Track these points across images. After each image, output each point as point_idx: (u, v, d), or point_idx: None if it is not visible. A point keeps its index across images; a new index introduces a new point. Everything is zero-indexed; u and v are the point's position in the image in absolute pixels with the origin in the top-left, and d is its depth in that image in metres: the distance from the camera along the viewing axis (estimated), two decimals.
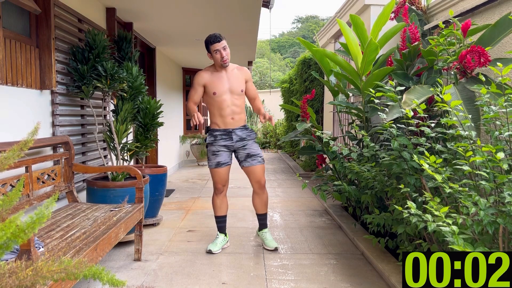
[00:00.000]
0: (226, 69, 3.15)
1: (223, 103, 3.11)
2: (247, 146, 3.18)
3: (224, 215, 3.31)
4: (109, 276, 0.96)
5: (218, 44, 3.03)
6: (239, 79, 3.17)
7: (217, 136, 3.15)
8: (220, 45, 3.02)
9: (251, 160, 3.16)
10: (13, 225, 0.90)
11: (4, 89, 2.47)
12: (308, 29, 36.59)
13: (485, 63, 2.60)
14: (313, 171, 7.16)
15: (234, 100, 3.13)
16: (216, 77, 3.13)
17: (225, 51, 3.04)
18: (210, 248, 3.14)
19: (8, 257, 1.75)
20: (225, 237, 3.31)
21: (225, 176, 3.20)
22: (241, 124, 3.19)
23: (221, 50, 3.03)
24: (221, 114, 3.13)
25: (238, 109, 3.15)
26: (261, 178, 3.22)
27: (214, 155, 3.17)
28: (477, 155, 2.03)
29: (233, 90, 3.12)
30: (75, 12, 3.31)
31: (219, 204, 3.26)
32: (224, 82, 3.12)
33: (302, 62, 8.12)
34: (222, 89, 3.10)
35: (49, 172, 2.80)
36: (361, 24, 3.37)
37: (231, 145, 3.16)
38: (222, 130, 3.15)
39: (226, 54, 3.04)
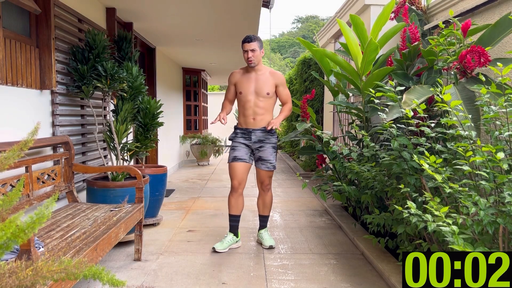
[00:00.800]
0: (256, 71, 3.22)
1: (247, 104, 3.21)
2: (262, 149, 3.23)
3: (238, 214, 3.31)
4: (109, 276, 0.96)
5: (246, 44, 3.13)
6: (268, 83, 3.21)
7: (238, 133, 3.28)
8: (248, 46, 3.12)
9: (260, 164, 3.26)
10: (13, 225, 0.90)
11: (4, 89, 2.47)
12: (308, 29, 36.59)
13: (485, 63, 2.60)
14: (313, 171, 7.16)
15: (258, 101, 3.19)
16: (245, 77, 3.24)
17: (253, 53, 3.12)
18: (215, 246, 3.16)
19: (8, 257, 1.75)
20: (234, 237, 3.29)
21: (241, 173, 3.22)
22: (262, 125, 3.23)
23: (249, 51, 3.13)
24: (244, 113, 3.25)
25: (261, 111, 3.20)
26: (264, 179, 3.28)
27: (232, 150, 3.27)
28: (477, 155, 2.03)
29: (258, 91, 3.19)
30: (75, 12, 3.31)
31: (234, 203, 3.29)
32: (251, 83, 3.20)
33: (302, 62, 8.12)
34: (248, 90, 3.20)
35: (49, 172, 2.80)
36: (361, 24, 3.37)
37: (250, 144, 3.24)
38: (243, 129, 3.26)
39: (252, 55, 3.12)
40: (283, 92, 3.28)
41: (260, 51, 3.18)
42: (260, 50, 3.17)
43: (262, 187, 3.33)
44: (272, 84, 3.21)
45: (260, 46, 3.19)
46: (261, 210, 3.40)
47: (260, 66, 3.23)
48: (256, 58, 3.13)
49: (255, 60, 3.14)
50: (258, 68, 3.22)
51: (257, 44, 3.13)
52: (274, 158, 3.27)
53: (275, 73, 3.27)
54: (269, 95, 3.20)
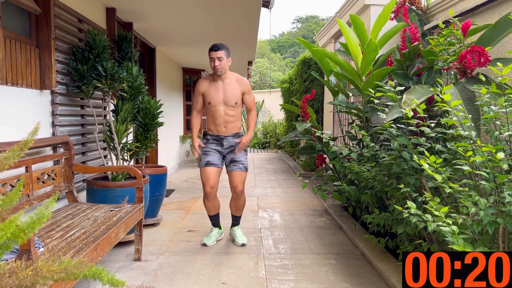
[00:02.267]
0: (223, 79, 3.23)
1: (217, 113, 3.23)
2: (233, 151, 3.28)
3: (217, 213, 3.43)
4: (109, 276, 0.96)
5: (213, 52, 3.14)
6: (235, 91, 3.22)
7: (209, 140, 3.32)
8: (215, 54, 3.13)
9: (232, 166, 3.27)
10: (13, 225, 0.90)
11: (4, 89, 2.47)
12: (308, 29, 36.58)
13: (485, 63, 2.60)
14: (313, 171, 7.16)
15: (227, 110, 3.23)
16: (213, 86, 3.24)
17: (220, 61, 3.13)
18: (205, 242, 3.32)
19: (8, 257, 1.75)
20: (219, 230, 3.48)
21: (213, 177, 3.24)
22: (234, 132, 3.28)
23: (215, 59, 3.13)
24: (214, 122, 3.27)
25: (231, 119, 3.24)
26: (238, 185, 3.25)
27: (204, 155, 3.29)
28: (477, 155, 2.03)
29: (227, 101, 3.21)
30: (75, 12, 3.31)
31: (210, 205, 3.35)
32: (219, 93, 3.21)
33: (302, 62, 8.12)
34: (216, 100, 3.21)
35: (49, 172, 2.80)
36: (361, 24, 3.37)
37: (222, 150, 3.30)
38: (215, 136, 3.30)
39: (219, 63, 3.13)
40: (248, 99, 3.31)
41: (227, 59, 3.20)
42: (227, 59, 3.19)
43: (236, 192, 3.28)
44: (239, 93, 3.24)
45: (227, 55, 3.20)
46: (234, 211, 3.44)
47: (227, 74, 3.24)
48: (223, 66, 3.15)
49: (222, 68, 3.15)
50: (225, 76, 3.23)
51: (224, 53, 3.15)
52: (246, 160, 3.30)
53: (241, 80, 3.28)
54: (237, 104, 3.23)
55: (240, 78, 3.29)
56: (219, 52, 3.12)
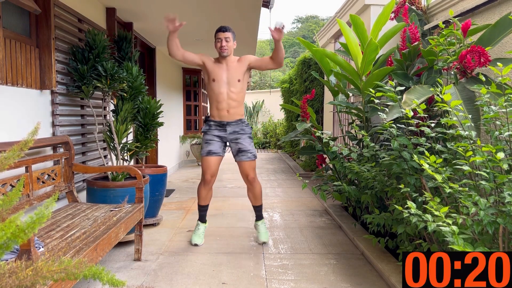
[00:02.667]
0: (227, 61, 3.23)
1: (220, 96, 3.21)
2: (239, 140, 3.25)
3: (207, 204, 3.42)
4: (109, 276, 0.96)
5: (221, 33, 3.16)
6: (238, 69, 3.23)
7: (211, 126, 3.29)
8: (223, 35, 3.15)
9: (241, 155, 3.26)
10: (13, 225, 0.90)
11: (4, 89, 2.47)
12: (308, 29, 36.56)
13: (485, 63, 2.60)
14: (313, 171, 7.16)
15: (231, 93, 3.21)
16: (217, 65, 3.24)
17: (227, 42, 3.15)
18: (196, 242, 3.29)
19: (8, 257, 1.75)
20: (205, 225, 3.46)
21: (214, 166, 3.25)
22: (236, 118, 3.27)
23: (223, 39, 3.15)
24: (217, 107, 3.24)
25: (234, 103, 3.23)
26: (249, 173, 3.27)
27: (206, 143, 3.28)
28: (477, 155, 2.03)
29: (230, 81, 3.20)
30: (75, 12, 3.31)
31: (205, 195, 3.34)
32: (223, 72, 3.21)
33: (302, 62, 8.12)
34: (220, 78, 3.20)
35: (49, 172, 2.80)
36: (361, 24, 3.37)
37: (224, 136, 3.27)
38: (217, 122, 3.27)
39: (226, 44, 3.14)
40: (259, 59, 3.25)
41: (233, 42, 3.22)
42: (233, 41, 3.21)
43: (249, 179, 3.30)
44: (242, 70, 3.23)
45: (234, 37, 3.23)
46: (253, 201, 3.42)
47: (231, 57, 3.25)
48: (229, 47, 3.16)
49: (229, 49, 3.17)
50: (229, 59, 3.24)
51: (231, 35, 3.18)
52: (253, 148, 3.30)
53: (242, 58, 3.28)
54: (240, 82, 3.22)
55: (242, 57, 3.28)
56: (227, 33, 3.15)
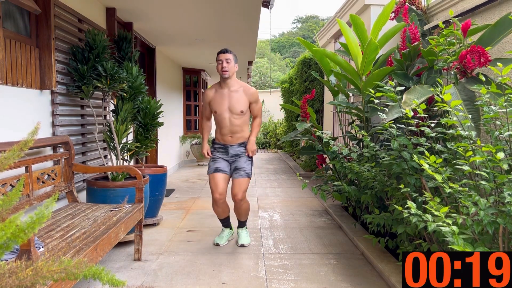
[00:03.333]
0: (229, 87, 3.20)
1: (222, 122, 3.22)
2: (237, 159, 3.27)
3: (226, 217, 3.43)
4: (109, 276, 0.96)
5: (222, 54, 3.15)
6: (241, 100, 3.19)
7: (216, 148, 3.34)
8: (224, 56, 3.14)
9: (234, 173, 3.25)
10: (13, 225, 0.90)
11: (4, 89, 2.47)
12: (308, 29, 36.57)
13: (485, 63, 2.60)
14: (313, 171, 7.16)
15: (233, 119, 3.20)
16: (219, 95, 3.22)
17: (228, 64, 3.13)
18: (217, 242, 3.36)
19: (8, 257, 1.75)
20: (230, 230, 3.52)
21: (222, 184, 3.20)
22: (239, 142, 3.27)
23: (223, 60, 3.13)
24: (221, 131, 3.28)
25: (237, 128, 3.22)
26: (238, 193, 3.17)
27: (213, 161, 3.31)
28: (477, 155, 2.03)
29: (232, 109, 3.19)
30: (75, 12, 3.31)
31: (220, 211, 3.32)
32: (224, 101, 3.20)
33: (302, 62, 8.12)
34: (222, 108, 3.21)
35: (49, 172, 2.80)
36: (361, 24, 3.37)
37: (227, 159, 3.30)
38: (221, 144, 3.31)
39: (226, 65, 3.12)
40: (255, 107, 3.28)
41: (235, 65, 3.18)
42: (234, 64, 3.17)
43: (235, 199, 3.20)
44: (245, 102, 3.20)
45: (235, 60, 3.19)
46: (238, 217, 3.41)
47: (233, 81, 3.21)
48: (230, 69, 3.13)
49: (230, 71, 3.13)
50: (231, 84, 3.20)
51: (232, 57, 3.16)
52: (248, 167, 3.25)
53: (248, 90, 3.23)
54: (243, 112, 3.20)
55: (249, 88, 3.24)
56: (228, 55, 3.14)
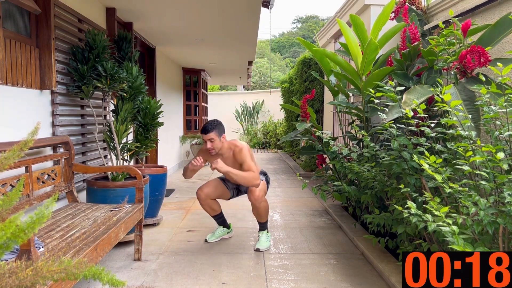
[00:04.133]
0: (222, 154, 3.25)
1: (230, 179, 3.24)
2: None
3: (216, 214, 3.49)
4: (109, 276, 0.96)
5: (204, 135, 3.14)
6: (233, 164, 3.22)
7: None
8: (206, 137, 3.13)
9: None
10: (13, 225, 0.90)
11: (4, 89, 2.47)
12: (308, 29, 36.57)
13: (485, 63, 2.60)
14: (313, 171, 7.16)
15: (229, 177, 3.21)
16: (213, 158, 3.24)
17: (212, 143, 3.13)
18: (206, 237, 3.44)
19: (8, 257, 1.75)
20: (225, 229, 3.55)
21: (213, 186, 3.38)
22: None
23: (207, 142, 3.14)
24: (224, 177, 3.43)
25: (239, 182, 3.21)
26: (254, 192, 3.17)
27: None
28: (477, 155, 2.03)
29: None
30: (75, 12, 3.31)
31: (207, 208, 3.43)
32: None
33: (302, 62, 8.12)
34: None
35: (49, 172, 2.80)
36: (361, 24, 3.37)
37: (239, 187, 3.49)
38: None
39: (211, 145, 3.13)
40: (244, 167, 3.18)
41: (220, 138, 3.16)
42: (220, 138, 3.16)
43: (253, 200, 3.19)
44: (237, 165, 3.22)
45: (220, 133, 3.15)
46: (257, 218, 3.41)
47: (223, 150, 3.23)
48: (215, 147, 3.15)
49: (215, 149, 3.16)
50: (223, 152, 3.23)
51: (214, 134, 3.12)
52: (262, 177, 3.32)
53: (236, 154, 3.21)
54: None
55: (237, 152, 3.20)
56: (209, 135, 3.11)
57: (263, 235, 3.37)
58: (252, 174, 3.09)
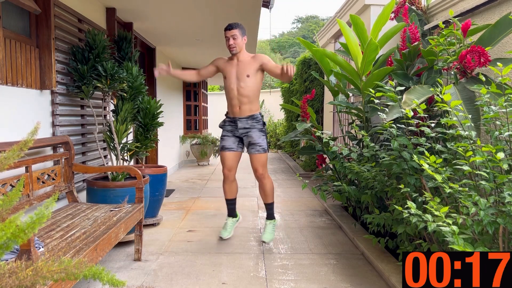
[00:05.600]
0: (238, 57, 3.28)
1: (231, 93, 3.28)
2: (249, 133, 3.30)
3: (233, 198, 3.50)
4: (109, 276, 0.96)
5: (228, 31, 3.20)
6: (248, 66, 3.24)
7: (226, 122, 3.41)
8: (229, 33, 3.19)
9: (250, 149, 3.30)
10: (13, 225, 0.90)
11: (4, 89, 2.47)
12: (308, 29, 36.56)
13: (485, 63, 2.60)
14: (313, 171, 7.16)
15: (241, 89, 3.23)
16: (229, 64, 3.33)
17: (235, 40, 3.19)
18: (221, 235, 3.43)
19: (8, 257, 1.75)
20: (234, 219, 3.56)
21: (230, 161, 3.34)
22: (247, 114, 3.29)
23: (230, 38, 3.19)
24: (230, 103, 3.34)
25: (245, 99, 3.25)
26: (258, 167, 3.26)
27: (221, 139, 3.41)
28: (477, 155, 2.03)
29: (239, 76, 3.24)
30: (75, 12, 3.31)
31: (228, 188, 3.45)
32: (233, 68, 3.28)
33: (302, 62, 8.12)
34: (231, 75, 3.30)
35: (49, 172, 2.80)
36: (361, 24, 3.37)
37: (236, 131, 3.34)
38: (230, 118, 3.38)
39: (233, 42, 3.19)
40: (269, 64, 3.20)
41: (242, 38, 3.23)
42: (242, 37, 3.22)
43: (257, 175, 3.31)
44: (253, 67, 3.22)
45: (242, 33, 3.24)
46: (263, 198, 3.43)
47: (243, 53, 3.27)
48: (238, 45, 3.20)
49: (237, 46, 3.20)
50: (241, 55, 3.27)
51: (238, 31, 3.20)
52: (263, 142, 3.29)
53: (257, 56, 3.29)
54: (249, 77, 3.22)
55: (256, 55, 3.30)
56: (233, 31, 3.18)
57: (270, 225, 3.39)
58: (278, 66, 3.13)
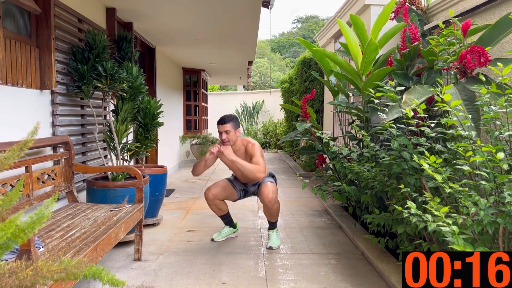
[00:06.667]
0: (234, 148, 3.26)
1: (235, 173, 3.41)
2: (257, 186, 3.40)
3: (223, 214, 3.51)
4: (109, 276, 0.96)
5: (220, 126, 3.20)
6: (242, 156, 3.27)
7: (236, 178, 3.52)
8: (222, 128, 3.19)
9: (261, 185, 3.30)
10: (13, 225, 0.90)
11: (4, 89, 2.47)
12: (308, 29, 36.57)
13: (485, 63, 2.60)
14: (313, 171, 7.16)
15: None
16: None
17: (227, 134, 3.18)
18: (213, 237, 3.46)
19: (8, 257, 1.75)
20: (231, 229, 3.56)
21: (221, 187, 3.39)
22: (254, 182, 3.42)
23: (223, 133, 3.19)
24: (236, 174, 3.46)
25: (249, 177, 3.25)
26: (268, 193, 3.20)
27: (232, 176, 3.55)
28: (477, 155, 2.03)
29: None
30: (75, 12, 3.31)
31: (214, 209, 3.48)
32: None
33: (302, 62, 8.12)
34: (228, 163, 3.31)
35: (49, 172, 2.80)
36: (361, 24, 3.37)
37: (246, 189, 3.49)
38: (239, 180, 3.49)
39: (226, 137, 3.18)
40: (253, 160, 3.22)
41: (236, 131, 3.22)
42: (235, 131, 3.21)
43: (267, 200, 3.19)
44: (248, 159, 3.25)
45: (235, 126, 3.22)
46: (268, 218, 3.40)
47: (237, 143, 3.27)
48: (231, 139, 3.20)
49: (231, 141, 3.20)
50: (236, 145, 3.27)
51: (231, 125, 3.18)
52: (272, 180, 3.34)
53: (248, 149, 3.28)
54: None
55: (249, 148, 3.27)
56: (226, 126, 3.17)
57: (273, 234, 3.39)
58: (257, 167, 3.14)
